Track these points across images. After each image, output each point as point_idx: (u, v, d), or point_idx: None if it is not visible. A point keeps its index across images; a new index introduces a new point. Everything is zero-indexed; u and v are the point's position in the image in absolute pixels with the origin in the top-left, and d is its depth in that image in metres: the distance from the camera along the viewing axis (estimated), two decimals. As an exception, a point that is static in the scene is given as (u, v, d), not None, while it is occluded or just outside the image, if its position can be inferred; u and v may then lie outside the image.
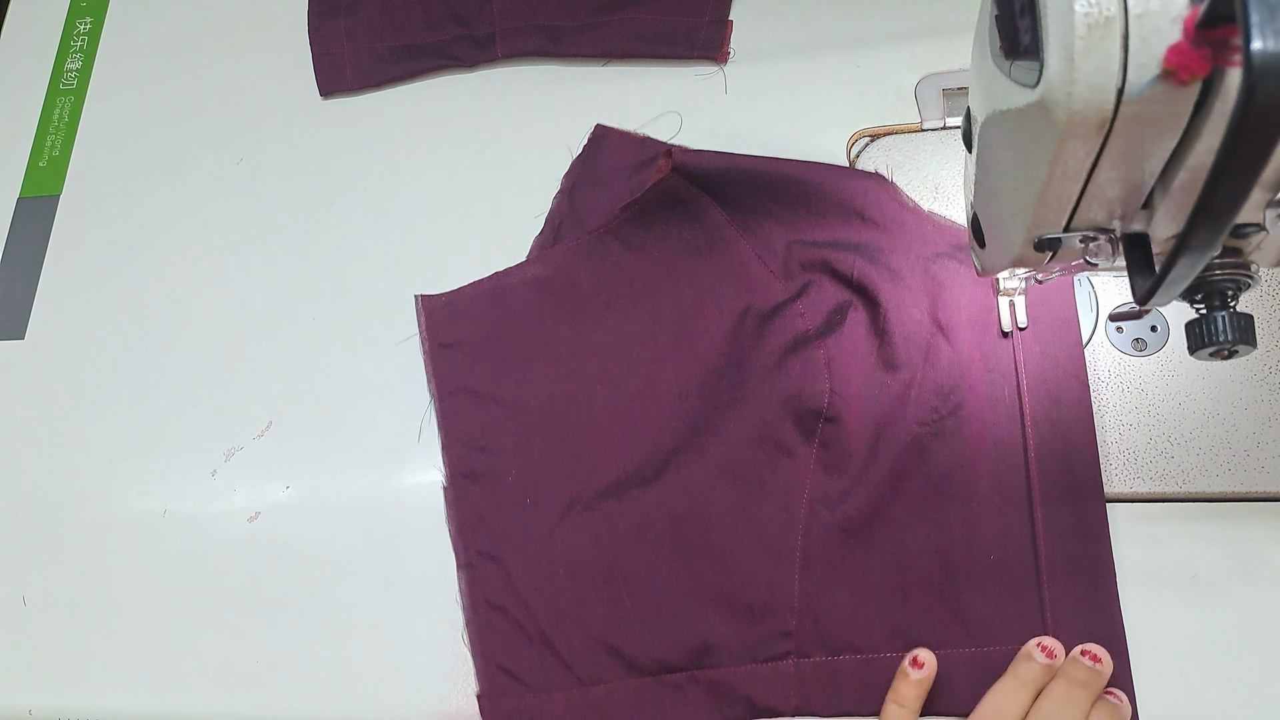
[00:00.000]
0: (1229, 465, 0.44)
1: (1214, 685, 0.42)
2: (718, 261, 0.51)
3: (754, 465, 0.47)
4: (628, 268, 0.52)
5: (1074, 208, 0.32)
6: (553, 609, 0.47)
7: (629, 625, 0.46)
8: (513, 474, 0.49)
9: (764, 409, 0.47)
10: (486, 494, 0.49)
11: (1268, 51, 0.22)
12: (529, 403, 0.50)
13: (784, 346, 0.48)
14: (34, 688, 0.50)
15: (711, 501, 0.47)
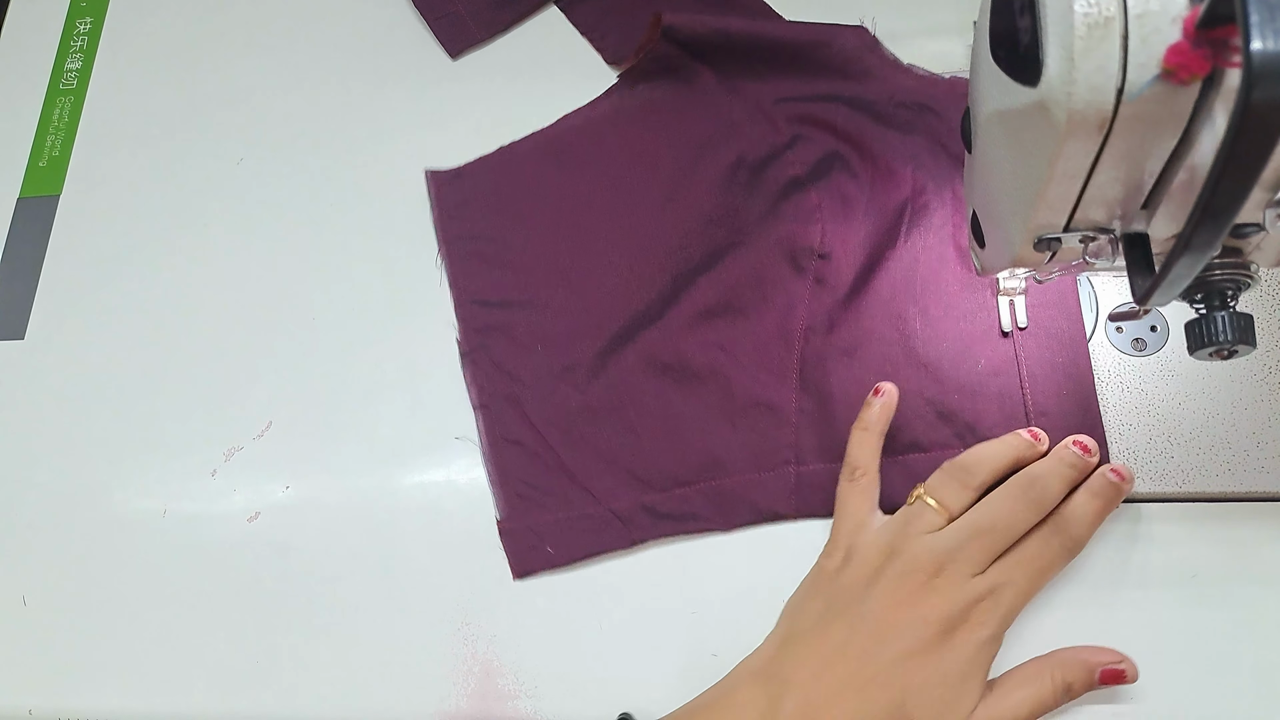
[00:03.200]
0: (1229, 465, 0.44)
1: (1214, 685, 0.42)
2: (709, 119, 0.54)
3: (752, 300, 0.50)
4: (625, 130, 0.56)
5: (1074, 208, 0.32)
6: (567, 440, 0.49)
7: (641, 449, 0.49)
8: (522, 326, 0.52)
9: (760, 251, 0.51)
10: (498, 345, 0.52)
11: (1267, 51, 0.22)
12: (536, 260, 0.54)
13: (776, 193, 0.52)
14: (34, 688, 0.50)
15: (713, 333, 0.50)
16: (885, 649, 0.39)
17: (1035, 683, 0.40)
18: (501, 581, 0.48)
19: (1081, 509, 0.42)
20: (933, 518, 0.42)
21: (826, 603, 0.42)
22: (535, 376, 0.51)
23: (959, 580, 0.40)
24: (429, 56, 0.61)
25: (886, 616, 0.40)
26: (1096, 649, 0.42)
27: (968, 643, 0.39)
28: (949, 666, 0.39)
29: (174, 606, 0.50)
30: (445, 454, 0.51)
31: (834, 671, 0.39)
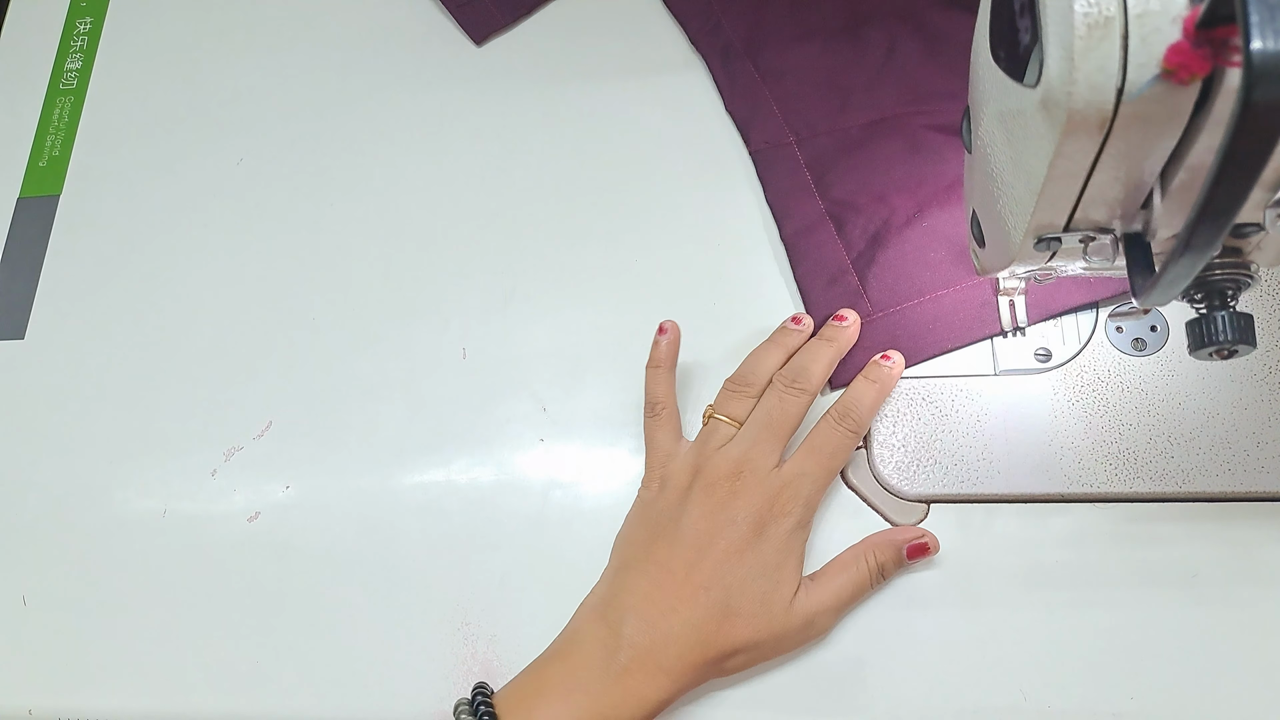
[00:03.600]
0: (1229, 465, 0.44)
1: (1214, 685, 0.42)
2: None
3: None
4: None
5: (1074, 207, 0.32)
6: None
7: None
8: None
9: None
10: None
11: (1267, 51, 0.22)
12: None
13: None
14: (34, 688, 0.50)
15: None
16: (704, 556, 0.42)
17: (851, 567, 0.44)
18: (502, 581, 0.48)
19: (858, 392, 0.46)
20: (726, 430, 0.45)
21: (648, 528, 0.44)
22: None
23: (758, 477, 0.43)
24: (428, 56, 0.61)
25: (700, 526, 0.43)
26: (901, 529, 0.45)
27: (777, 533, 0.42)
28: (764, 558, 0.42)
29: (174, 606, 0.50)
30: (445, 454, 0.51)
31: (663, 589, 0.42)
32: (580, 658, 0.42)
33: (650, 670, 0.41)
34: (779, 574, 0.42)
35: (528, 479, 0.50)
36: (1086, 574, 0.44)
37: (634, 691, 0.40)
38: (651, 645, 0.41)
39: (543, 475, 0.50)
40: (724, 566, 0.42)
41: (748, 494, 0.43)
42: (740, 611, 0.41)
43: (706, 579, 0.42)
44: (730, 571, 0.42)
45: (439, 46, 0.61)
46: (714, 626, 0.41)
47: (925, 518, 0.46)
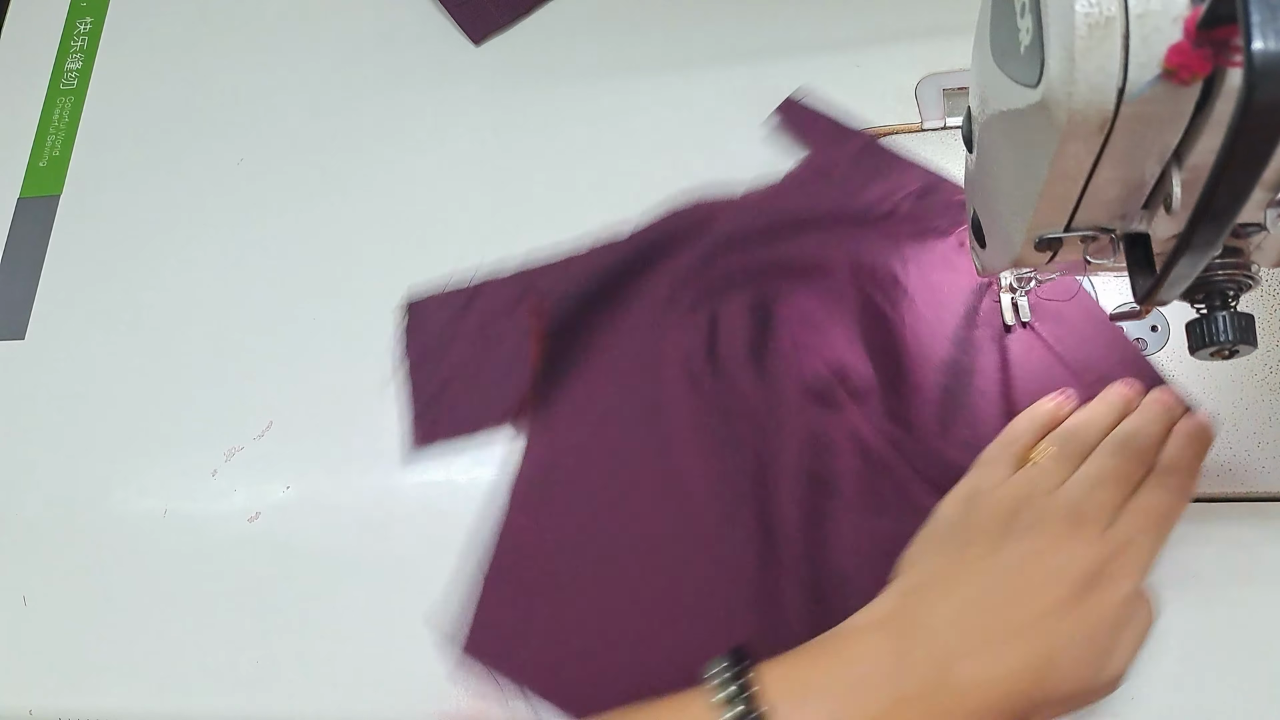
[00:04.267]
0: (1229, 465, 0.44)
1: (1214, 685, 0.42)
2: (636, 361, 0.50)
3: (833, 475, 0.46)
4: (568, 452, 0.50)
5: (1074, 208, 0.32)
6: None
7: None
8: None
9: (793, 425, 0.46)
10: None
11: (1268, 51, 0.22)
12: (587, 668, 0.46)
13: (748, 360, 0.48)
14: (34, 688, 0.50)
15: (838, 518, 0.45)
16: (1026, 602, 0.37)
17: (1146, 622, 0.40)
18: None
19: (1179, 452, 0.42)
20: (1057, 475, 0.41)
21: (953, 554, 0.40)
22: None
23: (1094, 533, 0.39)
24: (428, 56, 0.61)
25: (1024, 568, 0.38)
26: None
27: (1111, 600, 0.38)
28: (1094, 623, 0.38)
29: (174, 606, 0.50)
30: (445, 454, 0.51)
31: (971, 622, 0.37)
32: (860, 666, 0.37)
33: (931, 709, 0.36)
34: (1111, 644, 0.38)
35: (528, 479, 0.50)
36: (1087, 574, 0.44)
37: (919, 716, 0.36)
38: (946, 677, 0.36)
39: (543, 475, 0.50)
40: (1048, 621, 0.37)
41: (1082, 547, 0.39)
42: (1059, 676, 0.37)
43: (1027, 629, 0.37)
44: (1056, 629, 0.37)
45: (438, 46, 0.61)
46: (1025, 686, 0.37)
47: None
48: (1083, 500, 0.40)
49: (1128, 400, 0.44)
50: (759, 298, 0.49)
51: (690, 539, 0.46)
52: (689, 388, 0.48)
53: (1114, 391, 0.45)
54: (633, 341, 0.50)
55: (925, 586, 0.40)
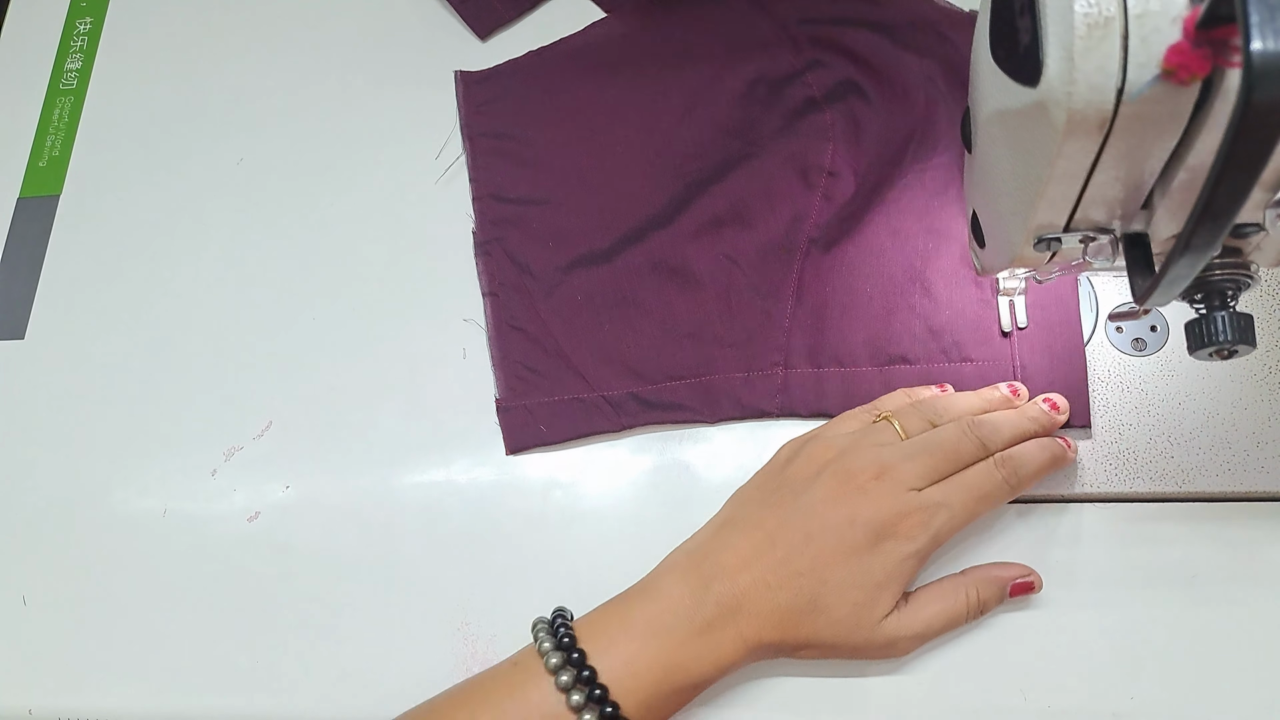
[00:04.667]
0: (1229, 465, 0.44)
1: (1214, 685, 0.42)
2: (735, 36, 0.56)
3: (760, 211, 0.52)
4: (650, 41, 0.58)
5: (1074, 208, 0.32)
6: (569, 329, 0.52)
7: (638, 344, 0.51)
8: (537, 221, 0.54)
9: (773, 164, 0.53)
10: (512, 237, 0.54)
11: (1267, 51, 0.22)
12: (555, 159, 0.56)
13: (793, 111, 0.54)
14: (34, 688, 0.50)
15: (720, 241, 0.52)
16: (812, 544, 0.41)
17: (950, 598, 0.42)
18: (502, 581, 0.48)
19: (1030, 454, 0.43)
20: (889, 435, 0.43)
21: (766, 493, 0.43)
22: (544, 269, 0.53)
23: (896, 490, 0.41)
24: (428, 56, 0.61)
25: (819, 511, 0.41)
26: (1005, 565, 0.44)
27: (892, 552, 0.40)
28: (870, 572, 0.40)
29: (174, 606, 0.50)
30: (445, 454, 0.51)
31: (761, 561, 0.41)
32: (666, 603, 0.41)
33: (730, 634, 0.40)
34: (878, 593, 0.40)
35: (528, 479, 0.50)
36: (1086, 574, 0.44)
37: (711, 649, 0.40)
38: (736, 608, 0.40)
39: (543, 475, 0.50)
40: (827, 561, 0.40)
41: (878, 500, 0.41)
42: (828, 610, 0.40)
43: (806, 566, 0.40)
44: (832, 569, 0.40)
45: (442, 43, 0.61)
46: (797, 616, 0.40)
47: (925, 518, 0.46)
48: (902, 459, 0.42)
49: (1005, 400, 0.45)
50: (851, 75, 0.54)
51: (641, 158, 0.55)
52: (741, 92, 0.55)
53: (996, 389, 0.46)
54: (723, 33, 0.57)
55: (733, 523, 0.43)
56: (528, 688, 0.39)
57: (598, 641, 0.40)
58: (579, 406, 0.50)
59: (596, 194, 0.54)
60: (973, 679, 0.43)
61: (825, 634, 0.40)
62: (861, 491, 0.41)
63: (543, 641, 0.40)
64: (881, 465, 0.41)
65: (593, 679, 0.39)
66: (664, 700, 0.40)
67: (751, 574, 0.41)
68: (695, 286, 0.51)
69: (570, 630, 0.41)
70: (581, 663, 0.39)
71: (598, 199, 0.54)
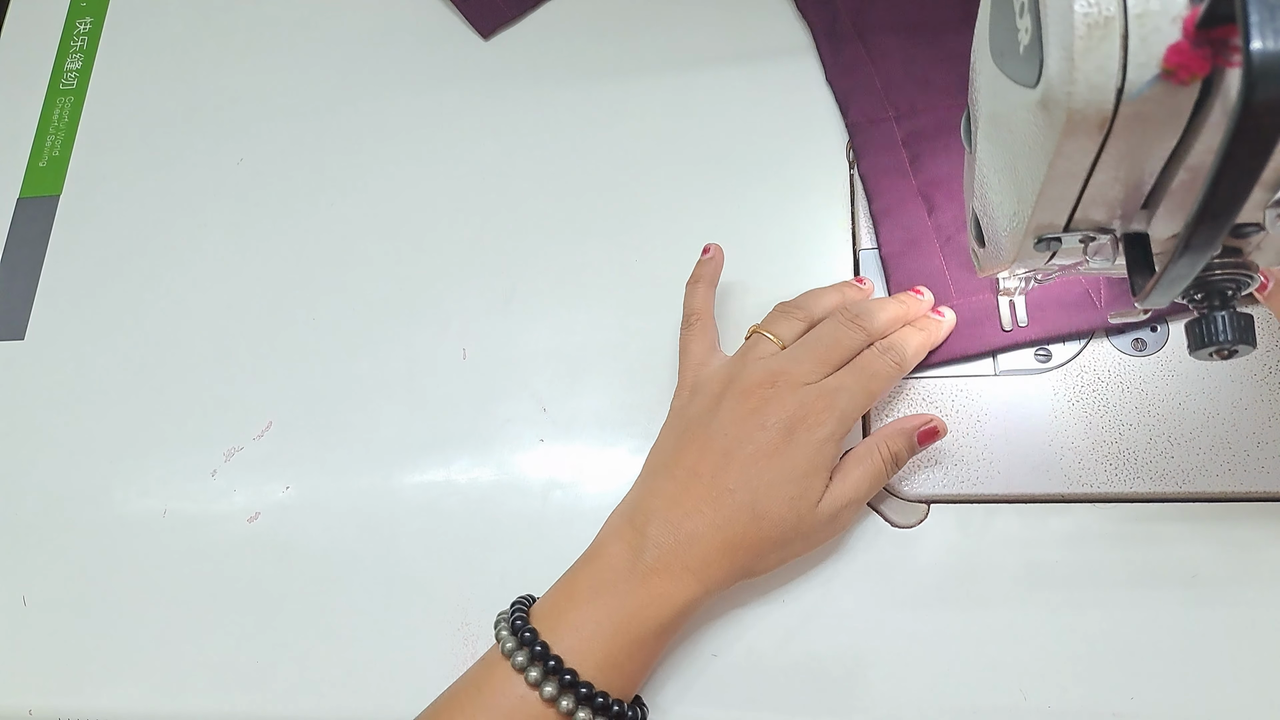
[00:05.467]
0: (1229, 465, 0.44)
1: (1214, 685, 0.42)
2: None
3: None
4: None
5: (1074, 207, 0.32)
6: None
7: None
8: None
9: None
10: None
11: (1267, 51, 0.22)
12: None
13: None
14: (34, 688, 0.50)
15: None
16: (733, 460, 0.42)
17: (866, 460, 0.44)
18: (502, 581, 0.48)
19: (905, 334, 0.46)
20: (769, 346, 0.45)
21: (677, 434, 0.44)
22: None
23: (794, 386, 0.43)
24: (428, 56, 0.61)
25: (730, 430, 0.42)
26: (910, 417, 0.46)
27: (808, 441, 0.42)
28: (793, 463, 0.42)
29: (174, 606, 0.50)
30: (445, 454, 0.51)
31: (689, 492, 0.42)
32: (606, 561, 0.42)
33: (676, 571, 0.41)
34: (807, 480, 0.42)
35: (528, 479, 0.50)
36: (1086, 574, 0.44)
37: (660, 591, 0.41)
38: (676, 545, 0.41)
39: (543, 475, 0.50)
40: (752, 470, 0.41)
41: (780, 401, 0.42)
42: (768, 514, 0.41)
43: (734, 482, 0.42)
44: (758, 475, 0.41)
45: (444, 42, 0.61)
46: (741, 528, 0.41)
47: (925, 518, 0.46)
48: (791, 362, 0.44)
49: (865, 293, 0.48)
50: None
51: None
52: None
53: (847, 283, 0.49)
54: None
55: (655, 471, 0.44)
56: (493, 680, 0.40)
57: (549, 618, 0.41)
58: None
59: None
60: (973, 679, 0.43)
61: (772, 534, 0.42)
62: (764, 400, 0.43)
63: (500, 630, 0.41)
64: (773, 372, 0.43)
65: (545, 652, 0.40)
66: (625, 655, 0.40)
67: (684, 509, 0.42)
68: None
69: (524, 614, 0.42)
70: (534, 640, 0.40)
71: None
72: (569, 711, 0.39)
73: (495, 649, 0.41)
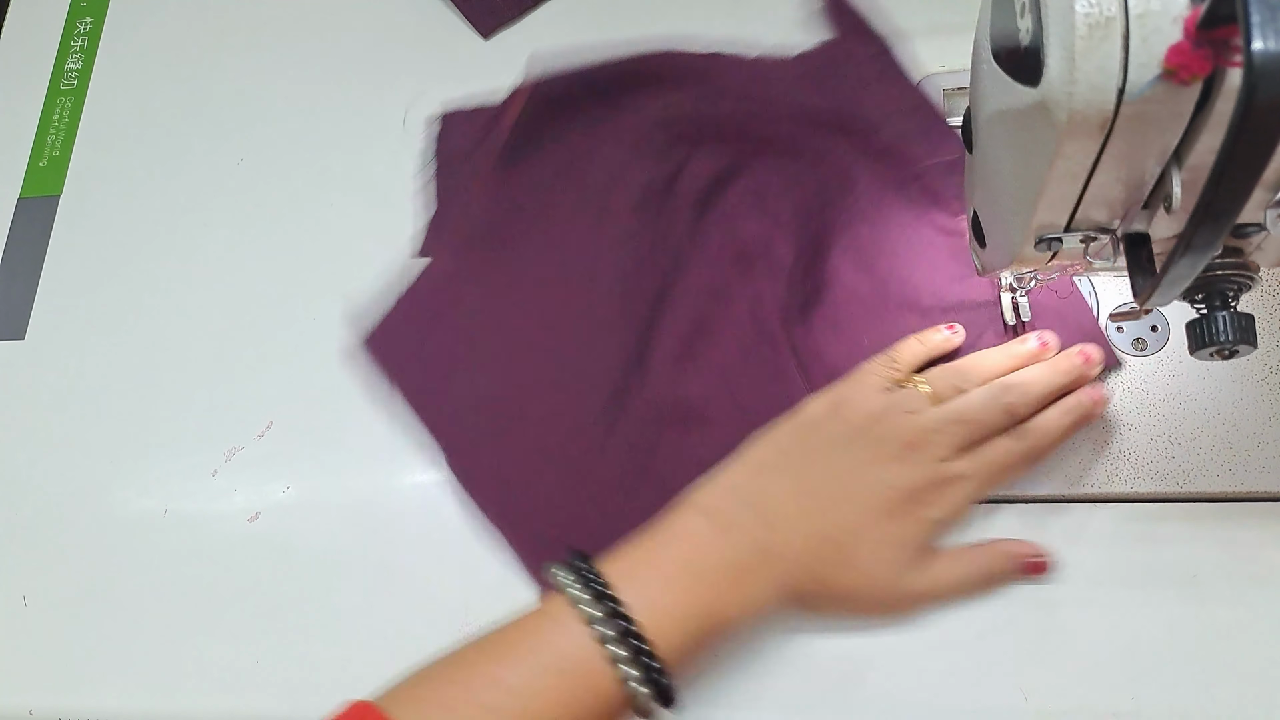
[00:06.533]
0: (1229, 465, 0.44)
1: (1214, 685, 0.42)
2: (602, 165, 0.53)
3: (721, 319, 0.50)
4: (516, 212, 0.54)
5: (1074, 207, 0.32)
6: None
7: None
8: (514, 441, 0.50)
9: (706, 270, 0.51)
10: (496, 459, 0.50)
11: (1268, 51, 0.22)
12: (470, 397, 0.51)
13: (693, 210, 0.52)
14: (34, 688, 0.50)
15: (701, 367, 0.49)
16: (850, 500, 0.42)
17: (965, 564, 0.44)
18: (502, 581, 0.48)
19: (1050, 420, 0.44)
20: (921, 401, 0.44)
21: (804, 443, 0.44)
22: (557, 485, 0.49)
23: (928, 459, 0.43)
24: (428, 56, 0.61)
25: (857, 473, 0.43)
26: (1021, 542, 0.45)
27: (920, 518, 0.43)
28: (900, 533, 0.42)
29: (174, 606, 0.50)
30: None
31: (802, 511, 0.42)
32: (699, 544, 0.41)
33: (763, 577, 0.41)
34: (903, 552, 0.42)
35: (528, 479, 0.50)
36: (1086, 574, 0.44)
37: (748, 593, 0.41)
38: (770, 551, 0.41)
39: (543, 475, 0.50)
40: (864, 518, 0.42)
41: (912, 468, 0.42)
42: (858, 565, 0.42)
43: (843, 520, 0.42)
44: (867, 526, 0.42)
45: (444, 41, 0.61)
46: (829, 565, 0.42)
47: (925, 518, 0.46)
48: (932, 430, 0.43)
49: (1034, 355, 0.46)
50: (732, 158, 0.52)
51: (581, 319, 0.51)
52: (637, 204, 0.52)
53: (1025, 343, 0.46)
54: (603, 153, 0.54)
55: (770, 467, 0.44)
56: (557, 637, 0.38)
57: (630, 587, 0.39)
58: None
59: (559, 389, 0.50)
60: (973, 679, 0.43)
61: (853, 586, 0.42)
62: (896, 459, 0.43)
63: (570, 588, 0.39)
64: (915, 434, 0.43)
65: (629, 625, 0.38)
66: (697, 644, 0.40)
67: (790, 522, 0.42)
68: (703, 422, 0.48)
69: (599, 577, 0.40)
70: (616, 610, 0.38)
71: (562, 394, 0.50)
72: (634, 694, 0.38)
73: (560, 604, 0.39)
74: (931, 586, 0.43)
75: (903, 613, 0.44)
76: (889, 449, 0.43)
